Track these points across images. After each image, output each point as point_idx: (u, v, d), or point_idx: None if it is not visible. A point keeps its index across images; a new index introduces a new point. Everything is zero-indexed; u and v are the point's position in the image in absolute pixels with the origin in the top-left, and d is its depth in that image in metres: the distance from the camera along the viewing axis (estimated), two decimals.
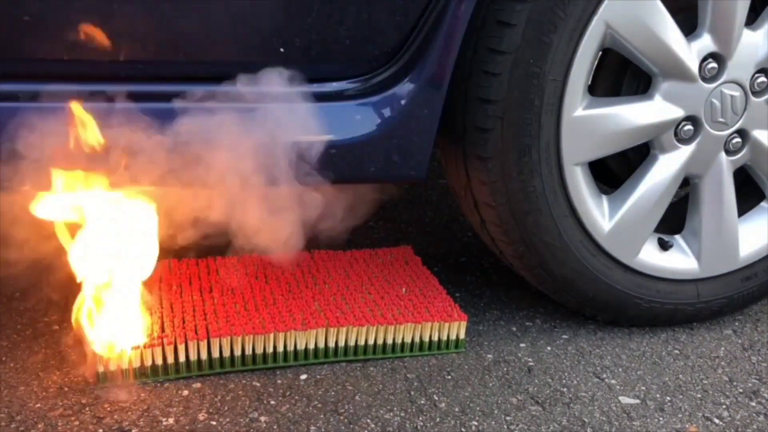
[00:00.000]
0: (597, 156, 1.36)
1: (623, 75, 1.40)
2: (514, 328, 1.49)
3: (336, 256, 1.61)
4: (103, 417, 1.17)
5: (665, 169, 1.38)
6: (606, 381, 1.34)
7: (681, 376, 1.37)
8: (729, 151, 1.41)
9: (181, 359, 1.26)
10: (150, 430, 1.15)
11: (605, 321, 1.50)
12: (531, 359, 1.39)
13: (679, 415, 1.26)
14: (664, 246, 1.45)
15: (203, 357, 1.27)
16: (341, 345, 1.34)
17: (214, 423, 1.17)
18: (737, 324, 1.55)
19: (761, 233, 1.49)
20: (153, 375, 1.26)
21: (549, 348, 1.43)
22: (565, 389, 1.31)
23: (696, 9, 1.32)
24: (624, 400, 1.29)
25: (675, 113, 1.34)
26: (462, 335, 1.39)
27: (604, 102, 1.34)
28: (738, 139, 1.40)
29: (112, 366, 1.23)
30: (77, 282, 1.28)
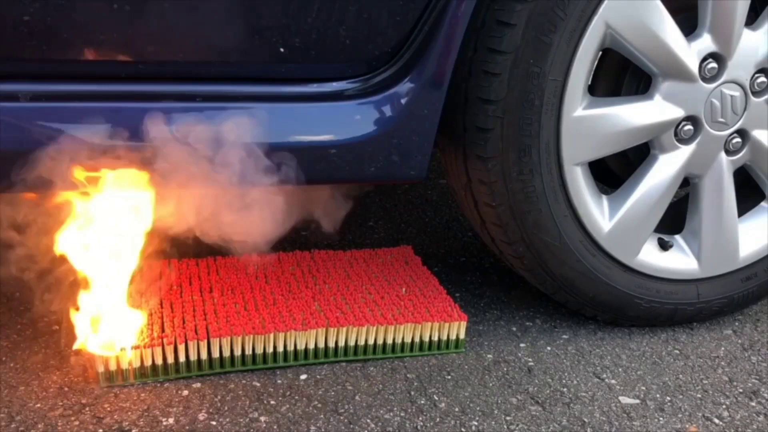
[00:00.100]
0: (597, 156, 1.36)
1: (623, 75, 1.40)
2: (514, 328, 1.49)
3: (336, 256, 1.61)
4: (103, 417, 1.17)
5: (665, 169, 1.38)
6: (606, 381, 1.34)
7: (681, 376, 1.37)
8: (729, 151, 1.41)
9: (181, 359, 1.26)
10: (150, 430, 1.15)
11: (605, 321, 1.50)
12: (531, 359, 1.39)
13: (679, 415, 1.26)
14: (664, 246, 1.45)
15: (203, 357, 1.27)
16: (341, 345, 1.34)
17: (214, 423, 1.17)
18: (737, 324, 1.55)
19: (761, 233, 1.49)
20: (153, 375, 1.26)
21: (549, 348, 1.43)
22: (565, 389, 1.31)
23: (696, 9, 1.32)
24: (624, 400, 1.29)
25: (675, 113, 1.34)
26: (462, 335, 1.39)
27: (604, 102, 1.34)
28: (738, 139, 1.40)
29: (112, 366, 1.23)
30: (77, 282, 1.28)
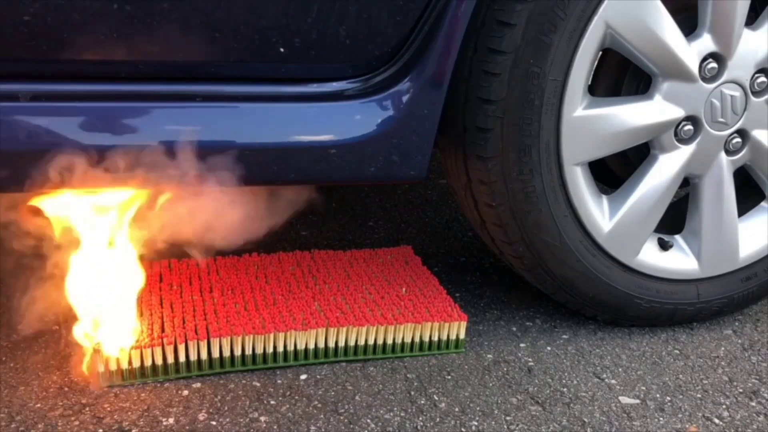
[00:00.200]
0: (597, 156, 1.36)
1: (623, 75, 1.40)
2: (514, 328, 1.49)
3: (336, 256, 1.61)
4: (103, 417, 1.17)
5: (665, 169, 1.38)
6: (606, 381, 1.34)
7: (681, 376, 1.37)
8: (729, 151, 1.41)
9: (181, 359, 1.26)
10: (150, 430, 1.15)
11: (605, 321, 1.50)
12: (531, 359, 1.39)
13: (679, 415, 1.26)
14: (664, 246, 1.45)
15: (203, 357, 1.27)
16: (341, 345, 1.34)
17: (214, 423, 1.17)
18: (737, 324, 1.55)
19: (761, 233, 1.49)
20: (153, 375, 1.26)
21: (549, 348, 1.43)
22: (565, 389, 1.31)
23: (696, 9, 1.32)
24: (624, 400, 1.29)
25: (675, 113, 1.34)
26: (462, 335, 1.39)
27: (604, 102, 1.34)
28: (738, 139, 1.40)
29: (112, 366, 1.23)
30: (77, 282, 1.28)
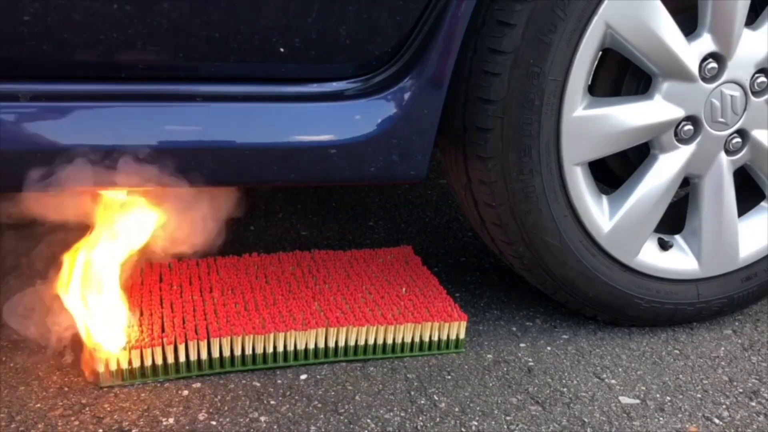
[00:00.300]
0: (597, 156, 1.36)
1: (623, 75, 1.40)
2: (514, 328, 1.49)
3: (336, 256, 1.61)
4: (103, 417, 1.17)
5: (665, 169, 1.38)
6: (606, 381, 1.34)
7: (681, 376, 1.37)
8: (729, 151, 1.41)
9: (181, 359, 1.26)
10: (150, 430, 1.15)
11: (605, 321, 1.50)
12: (531, 359, 1.39)
13: (679, 415, 1.26)
14: (664, 246, 1.45)
15: (203, 357, 1.27)
16: (341, 345, 1.34)
17: (214, 423, 1.17)
18: (737, 324, 1.55)
19: (761, 233, 1.49)
20: (153, 375, 1.26)
21: (549, 348, 1.43)
22: (565, 389, 1.31)
23: (696, 9, 1.32)
24: (624, 400, 1.29)
25: (675, 113, 1.34)
26: (462, 335, 1.39)
27: (604, 102, 1.34)
28: (738, 139, 1.40)
29: (112, 366, 1.23)
30: (77, 282, 1.28)
